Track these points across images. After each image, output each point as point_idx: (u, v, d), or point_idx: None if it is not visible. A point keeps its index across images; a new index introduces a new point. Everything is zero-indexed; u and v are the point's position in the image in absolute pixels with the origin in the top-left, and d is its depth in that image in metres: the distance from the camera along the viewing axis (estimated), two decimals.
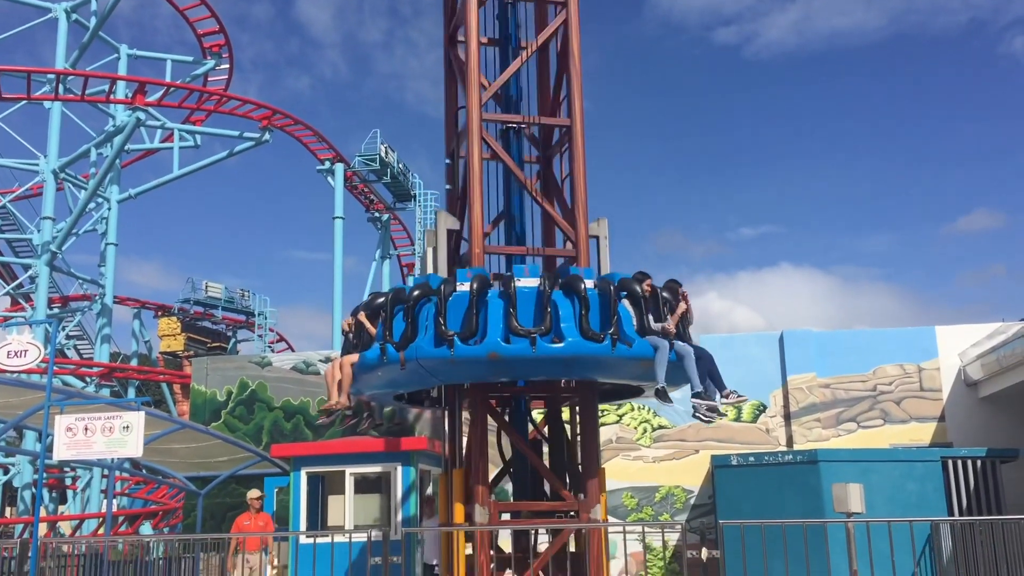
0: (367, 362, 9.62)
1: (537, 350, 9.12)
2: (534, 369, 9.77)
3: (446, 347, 9.12)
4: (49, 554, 9.51)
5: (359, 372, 9.73)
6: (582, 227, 11.56)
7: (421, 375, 9.50)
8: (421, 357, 9.24)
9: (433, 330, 9.30)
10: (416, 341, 9.32)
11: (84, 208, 26.65)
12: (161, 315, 40.05)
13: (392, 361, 9.36)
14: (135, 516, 26.21)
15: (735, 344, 17.93)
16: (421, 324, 9.46)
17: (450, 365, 9.28)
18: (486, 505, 9.76)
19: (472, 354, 9.17)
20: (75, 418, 8.26)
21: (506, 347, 9.11)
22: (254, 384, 18.91)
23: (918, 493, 13.03)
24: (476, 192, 10.76)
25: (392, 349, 9.34)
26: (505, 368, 9.60)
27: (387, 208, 38.35)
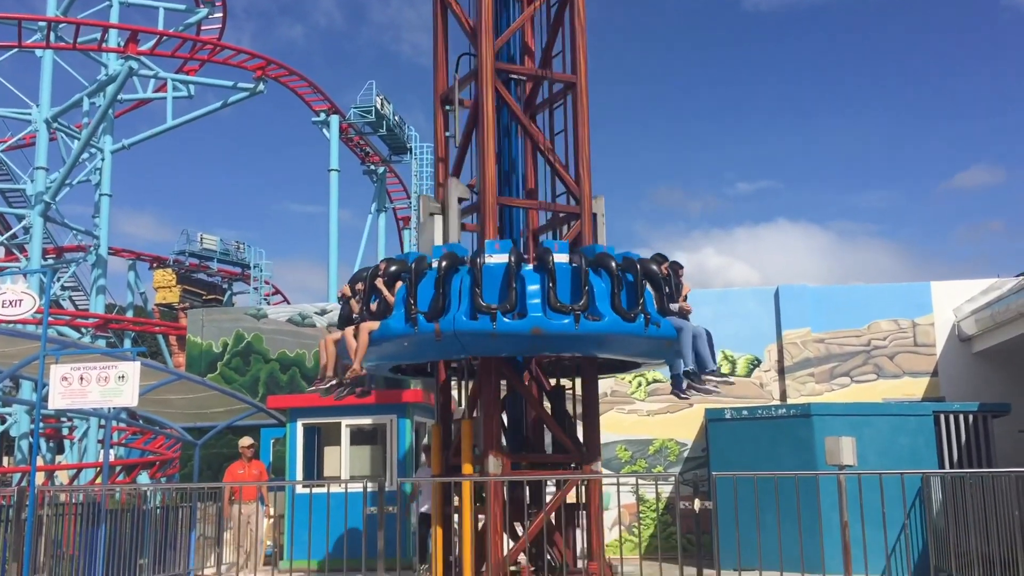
0: (392, 332, 9.43)
1: (580, 327, 9.19)
2: (571, 345, 9.83)
3: (488, 320, 9.07)
4: (47, 502, 9.57)
5: (378, 341, 9.54)
6: (586, 184, 11.56)
7: (454, 347, 9.40)
8: (459, 329, 9.15)
9: (469, 302, 9.22)
10: (451, 313, 9.21)
11: (77, 158, 26.46)
12: (156, 267, 39.99)
13: (425, 332, 9.20)
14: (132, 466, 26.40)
15: (730, 299, 17.96)
16: (454, 295, 9.33)
17: (490, 339, 9.24)
18: (499, 457, 9.94)
19: (514, 329, 9.17)
20: (70, 367, 8.26)
21: (549, 323, 9.15)
22: (250, 336, 18.93)
23: (910, 447, 13.14)
24: (490, 145, 10.72)
25: (424, 320, 9.18)
26: (545, 343, 9.64)
27: (383, 161, 38.14)
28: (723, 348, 17.50)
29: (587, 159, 11.67)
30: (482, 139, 10.72)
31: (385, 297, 9.71)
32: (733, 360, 17.50)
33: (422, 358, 10.43)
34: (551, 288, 9.18)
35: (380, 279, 9.82)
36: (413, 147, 38.37)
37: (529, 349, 10.00)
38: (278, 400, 16.20)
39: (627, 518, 16.60)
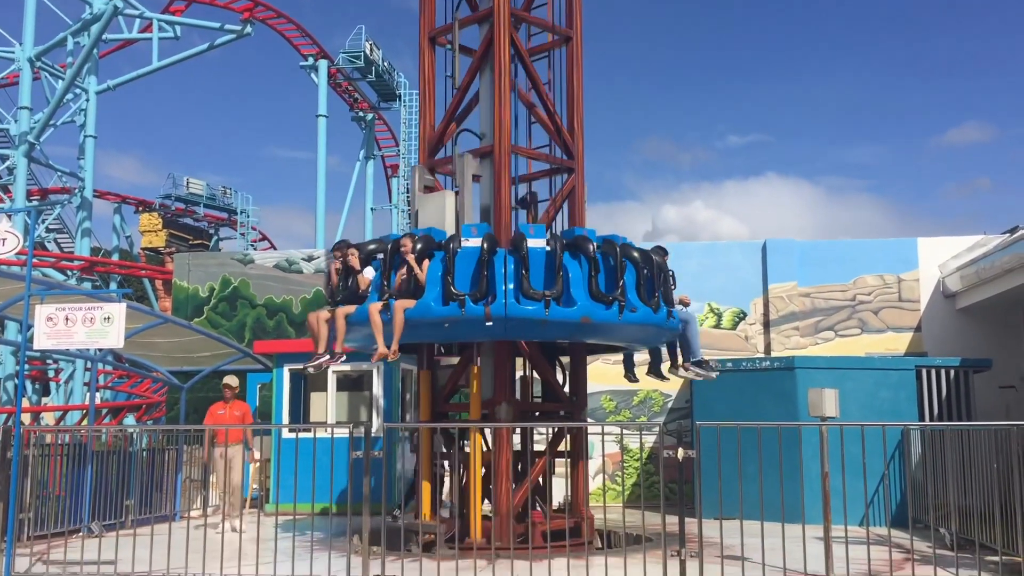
0: (433, 313, 9.31)
1: (622, 317, 9.47)
2: (611, 333, 10.03)
3: (541, 307, 9.14)
4: (32, 443, 9.58)
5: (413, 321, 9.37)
6: (579, 139, 11.55)
7: (498, 331, 9.39)
8: (511, 315, 9.17)
9: (516, 287, 9.28)
10: (500, 297, 9.21)
11: (61, 98, 26.09)
12: (142, 210, 39.69)
13: (473, 315, 9.13)
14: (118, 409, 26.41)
15: (717, 252, 17.99)
16: (498, 278, 9.33)
17: (539, 325, 9.31)
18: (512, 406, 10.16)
19: (565, 316, 9.29)
20: (55, 308, 8.22)
21: (598, 312, 9.37)
22: (236, 281, 18.88)
23: (891, 400, 13.28)
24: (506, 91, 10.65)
25: (472, 303, 9.14)
26: (590, 331, 9.79)
27: (371, 107, 37.78)
28: (709, 301, 17.57)
29: (581, 114, 11.67)
30: (498, 86, 10.64)
31: (417, 275, 9.53)
32: (719, 313, 17.58)
33: (457, 338, 10.24)
34: (593, 277, 9.43)
35: (412, 256, 9.60)
36: (402, 94, 37.97)
37: (572, 335, 10.17)
38: (265, 345, 16.20)
39: (610, 467, 16.78)
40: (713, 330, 17.50)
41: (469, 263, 9.46)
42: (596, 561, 8.17)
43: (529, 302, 9.18)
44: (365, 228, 39.03)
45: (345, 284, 10.14)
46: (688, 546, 7.41)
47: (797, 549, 7.66)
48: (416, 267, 9.54)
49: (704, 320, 17.53)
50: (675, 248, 18.65)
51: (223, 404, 12.92)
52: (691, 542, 7.70)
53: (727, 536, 7.93)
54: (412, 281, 9.57)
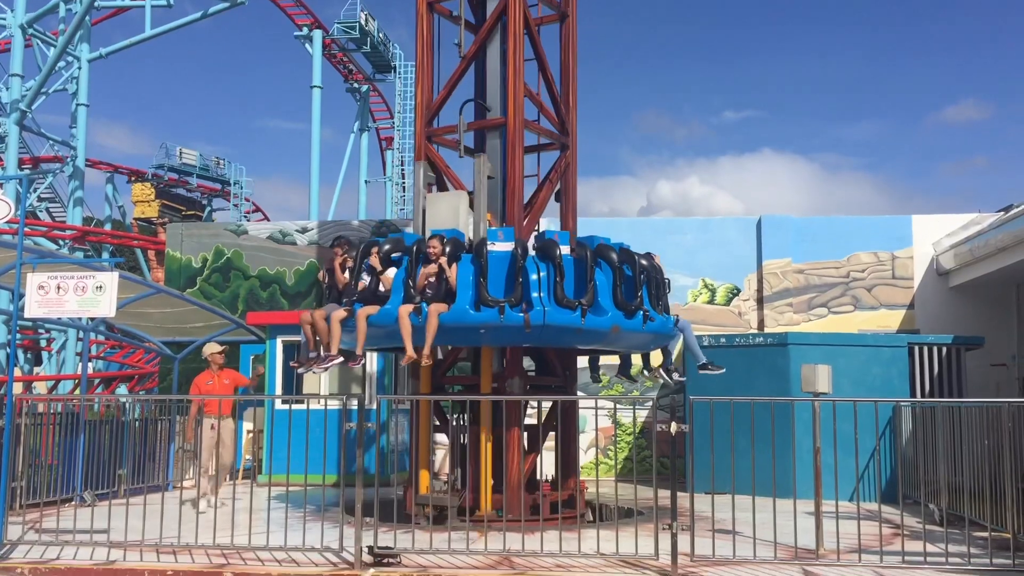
0: (470, 319, 9.24)
1: (646, 327, 9.74)
2: (630, 341, 10.17)
3: (577, 316, 9.21)
4: (25, 411, 9.57)
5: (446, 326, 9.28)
6: (573, 116, 11.54)
7: (534, 338, 9.38)
8: (549, 323, 9.18)
9: (552, 295, 9.31)
10: (538, 305, 9.21)
11: (53, 66, 25.83)
12: (134, 180, 39.44)
13: (512, 323, 9.09)
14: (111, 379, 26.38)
15: (712, 227, 17.98)
16: (532, 285, 9.30)
17: (574, 333, 9.37)
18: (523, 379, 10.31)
19: (598, 325, 9.41)
20: (47, 276, 8.17)
21: (626, 322, 9.53)
22: (230, 252, 18.81)
23: (883, 377, 13.32)
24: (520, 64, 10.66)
25: (512, 310, 9.10)
26: (616, 340, 9.85)
27: (366, 79, 37.54)
28: (703, 276, 17.58)
29: (575, 90, 11.65)
30: (512, 58, 10.59)
31: (448, 279, 9.43)
32: (713, 289, 17.59)
33: (486, 343, 10.07)
34: (618, 286, 9.56)
35: (444, 258, 9.48)
36: (397, 66, 37.70)
37: (600, 343, 10.22)
38: (258, 316, 16.18)
39: (603, 441, 16.83)
40: (707, 306, 17.52)
41: (499, 267, 9.45)
42: (588, 534, 8.21)
43: (564, 310, 9.24)
44: (359, 201, 38.91)
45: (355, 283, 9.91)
46: (679, 520, 7.45)
47: (788, 524, 7.70)
48: (448, 270, 9.42)
49: (698, 296, 17.55)
50: (670, 224, 18.70)
51: (210, 374, 11.96)
52: (682, 516, 7.74)
53: (718, 511, 7.97)
54: (444, 285, 9.45)
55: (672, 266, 17.57)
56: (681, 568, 7.28)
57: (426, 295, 9.52)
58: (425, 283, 9.53)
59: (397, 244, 10.06)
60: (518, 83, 10.63)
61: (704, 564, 7.56)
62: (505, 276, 9.39)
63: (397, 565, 7.54)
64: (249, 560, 7.79)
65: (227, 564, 7.64)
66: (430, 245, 9.61)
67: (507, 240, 9.59)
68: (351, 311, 9.73)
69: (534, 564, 7.58)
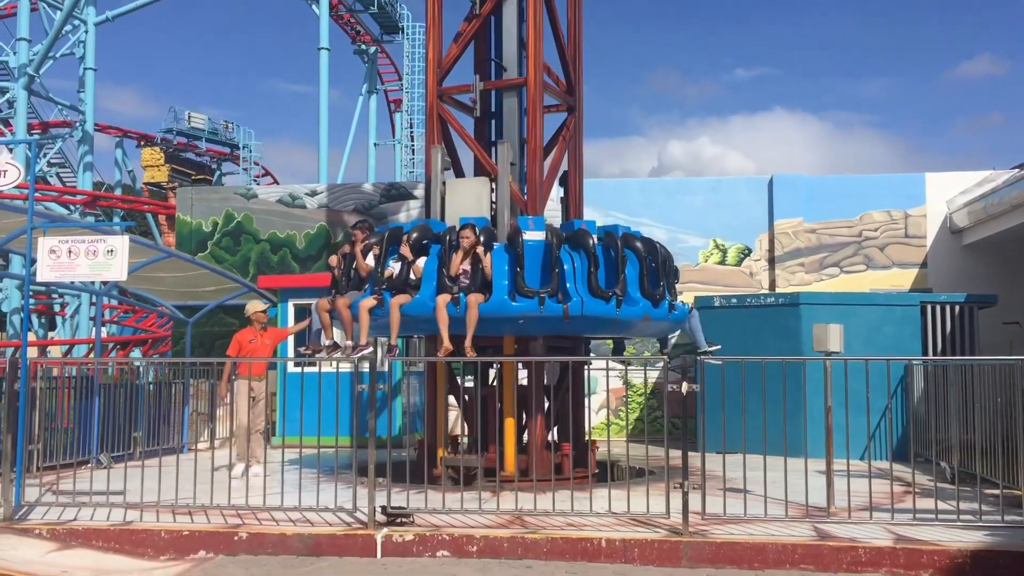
0: (511, 310, 9.24)
1: (671, 316, 10.01)
2: (656, 329, 10.51)
3: (612, 306, 9.33)
4: (40, 375, 9.64)
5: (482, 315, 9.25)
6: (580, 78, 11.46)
7: (571, 328, 9.47)
8: (588, 314, 9.29)
9: (587, 286, 9.41)
10: (575, 296, 9.29)
11: (60, 29, 25.73)
12: (144, 145, 39.42)
13: (552, 313, 9.14)
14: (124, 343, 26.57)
15: (723, 188, 17.87)
16: (568, 276, 9.36)
17: (609, 323, 9.50)
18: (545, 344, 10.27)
19: (631, 315, 9.54)
20: (58, 240, 8.18)
21: (655, 311, 9.74)
22: (240, 216, 18.81)
23: (895, 336, 13.28)
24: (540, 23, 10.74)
25: (552, 302, 9.16)
26: (644, 328, 10.09)
27: (374, 40, 37.26)
28: (714, 237, 17.51)
29: (581, 54, 11.57)
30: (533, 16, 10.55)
31: (484, 269, 9.38)
32: (724, 249, 17.52)
33: (520, 333, 10.02)
34: (645, 276, 9.69)
35: (480, 248, 9.42)
36: (405, 27, 37.37)
37: (630, 332, 10.45)
38: (269, 280, 16.21)
39: (613, 402, 16.88)
40: (718, 266, 17.47)
41: (533, 257, 9.50)
42: (600, 493, 8.25)
43: (599, 301, 9.31)
44: (369, 164, 38.79)
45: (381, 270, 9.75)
46: (690, 479, 7.47)
47: (799, 482, 7.72)
48: (485, 260, 9.37)
49: (709, 256, 17.50)
50: (680, 184, 18.59)
51: (253, 331, 11.27)
52: (694, 475, 7.77)
53: (729, 470, 7.98)
54: (480, 275, 9.39)
55: (683, 227, 17.54)
56: (692, 526, 7.32)
57: (460, 284, 9.47)
58: (460, 272, 9.49)
59: (425, 231, 9.96)
60: (539, 42, 10.53)
61: (715, 522, 7.60)
62: (540, 266, 9.48)
63: (410, 525, 7.60)
64: (264, 520, 7.88)
65: (242, 524, 7.72)
66: (463, 236, 9.54)
67: (537, 229, 9.65)
68: (381, 300, 9.57)
69: (546, 523, 7.63)
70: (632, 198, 17.74)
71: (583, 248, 9.59)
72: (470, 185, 10.73)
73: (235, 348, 11.23)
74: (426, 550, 7.30)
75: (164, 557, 7.37)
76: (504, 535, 7.28)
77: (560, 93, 11.31)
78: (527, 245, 9.45)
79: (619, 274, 9.53)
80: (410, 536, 7.34)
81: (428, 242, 9.93)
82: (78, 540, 7.52)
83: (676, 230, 17.55)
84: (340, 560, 7.23)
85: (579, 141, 11.54)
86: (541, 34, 10.60)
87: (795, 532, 7.37)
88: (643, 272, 9.76)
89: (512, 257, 9.45)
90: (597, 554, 7.12)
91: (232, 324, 18.27)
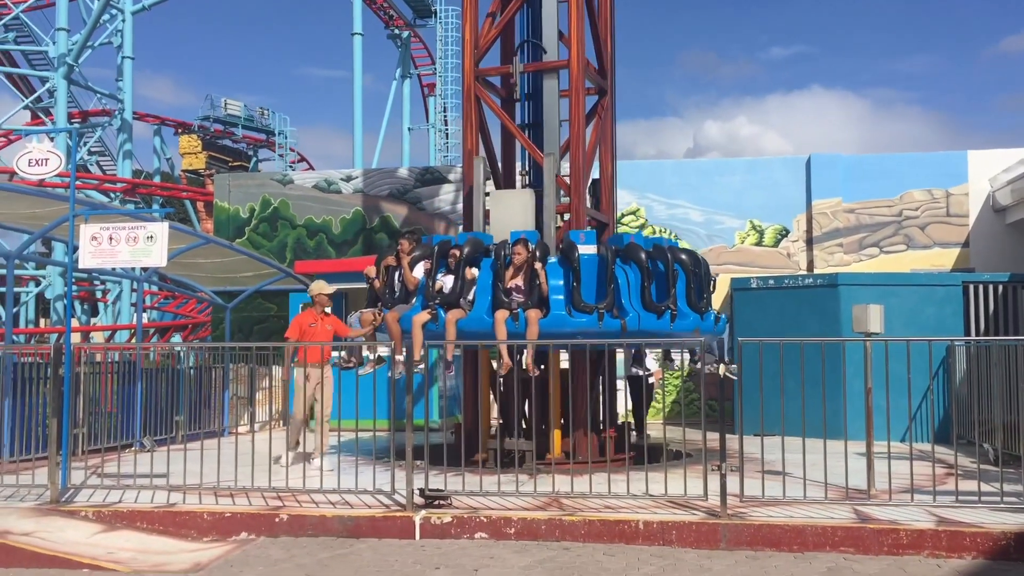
0: (570, 325, 9.24)
1: (716, 328, 10.09)
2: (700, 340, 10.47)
3: (666, 321, 9.44)
4: (84, 361, 9.80)
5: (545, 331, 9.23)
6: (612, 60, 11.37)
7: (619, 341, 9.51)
8: (644, 328, 9.38)
9: (640, 300, 9.51)
10: (631, 311, 9.38)
11: (98, 19, 26.03)
12: (181, 132, 39.81)
13: (611, 328, 9.18)
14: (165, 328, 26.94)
15: (759, 168, 17.69)
16: (623, 291, 9.43)
17: (664, 337, 9.60)
18: None
19: (684, 328, 9.66)
20: (100, 227, 8.29)
21: (703, 324, 9.84)
22: (276, 202, 18.95)
23: (936, 317, 13.10)
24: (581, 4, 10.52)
25: (611, 317, 9.24)
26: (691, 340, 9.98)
27: (407, 25, 37.29)
28: (751, 218, 17.36)
29: (613, 35, 11.50)
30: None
31: (542, 285, 9.34)
32: (761, 230, 17.36)
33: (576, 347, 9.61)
34: (691, 289, 9.81)
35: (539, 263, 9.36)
36: (438, 10, 37.36)
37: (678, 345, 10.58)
38: (306, 265, 16.33)
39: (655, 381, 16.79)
40: (754, 248, 17.32)
41: (587, 271, 9.52)
42: (637, 475, 8.24)
43: (652, 315, 9.36)
44: (403, 148, 38.88)
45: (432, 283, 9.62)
46: (728, 461, 7.44)
47: (838, 465, 7.66)
48: (542, 275, 9.31)
49: (745, 238, 17.35)
50: (716, 165, 18.44)
51: (314, 315, 10.62)
52: (731, 457, 7.73)
53: (768, 452, 7.93)
54: (538, 290, 9.32)
55: (719, 208, 17.40)
56: (730, 508, 7.29)
57: (514, 300, 9.43)
58: (513, 287, 9.47)
59: (476, 246, 9.86)
60: (580, 24, 10.47)
61: (753, 504, 7.57)
62: (595, 280, 9.49)
63: (448, 507, 7.65)
64: (304, 503, 7.96)
65: (283, 506, 7.81)
66: (516, 252, 9.46)
67: (589, 243, 9.68)
68: (435, 314, 9.46)
69: (583, 506, 7.65)
70: (668, 180, 17.63)
71: (635, 262, 9.64)
72: (516, 197, 10.62)
73: (296, 331, 10.57)
74: (464, 532, 7.34)
75: (207, 539, 7.48)
76: (542, 517, 7.30)
77: (592, 75, 11.23)
78: (582, 259, 9.45)
79: (670, 288, 9.55)
80: (448, 518, 7.39)
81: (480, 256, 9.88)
82: (123, 522, 7.66)
83: (712, 211, 17.42)
84: (379, 542, 7.29)
85: (611, 124, 11.47)
86: (582, 15, 10.54)
87: (835, 515, 7.32)
88: (690, 285, 9.85)
89: (568, 272, 9.45)
90: (635, 536, 7.12)
91: (270, 309, 18.47)
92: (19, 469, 8.86)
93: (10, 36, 30.60)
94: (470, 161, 10.85)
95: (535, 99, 11.22)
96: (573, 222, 10.60)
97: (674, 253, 9.89)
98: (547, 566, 6.51)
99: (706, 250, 17.27)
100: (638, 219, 17.55)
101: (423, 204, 18.38)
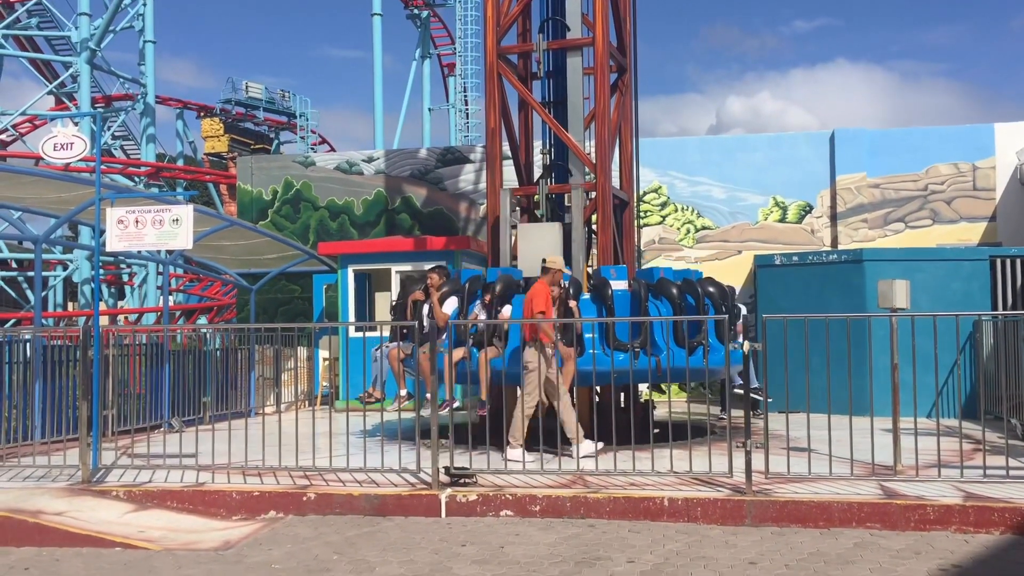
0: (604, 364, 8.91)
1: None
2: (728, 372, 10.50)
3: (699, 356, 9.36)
4: (112, 343, 9.91)
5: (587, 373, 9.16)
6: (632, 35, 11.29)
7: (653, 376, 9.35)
8: (712, 367, 9.48)
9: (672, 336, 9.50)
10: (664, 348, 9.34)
11: (120, 3, 26.13)
12: (203, 116, 39.96)
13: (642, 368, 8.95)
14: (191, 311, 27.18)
15: (783, 144, 17.55)
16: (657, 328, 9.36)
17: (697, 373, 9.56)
18: None
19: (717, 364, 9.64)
20: (126, 211, 8.36)
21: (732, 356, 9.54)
22: (299, 184, 19.02)
23: (963, 291, 12.99)
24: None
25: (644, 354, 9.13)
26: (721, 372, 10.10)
27: (426, 4, 37.17)
28: (774, 194, 17.24)
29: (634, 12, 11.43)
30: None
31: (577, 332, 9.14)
32: (784, 206, 17.24)
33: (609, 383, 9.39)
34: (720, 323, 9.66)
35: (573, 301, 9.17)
36: None
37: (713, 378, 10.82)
38: (329, 247, 16.40)
39: None
40: (778, 224, 17.21)
41: (619, 307, 9.47)
42: (662, 453, 8.25)
43: (683, 351, 9.24)
44: (423, 128, 38.86)
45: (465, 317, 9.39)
46: (753, 438, 7.43)
47: (864, 441, 7.63)
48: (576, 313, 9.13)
49: (769, 214, 17.25)
50: (739, 141, 18.30)
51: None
52: (756, 435, 7.72)
53: (793, 429, 7.92)
54: (572, 328, 9.09)
55: (742, 184, 17.29)
56: (756, 485, 7.29)
57: None
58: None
59: (509, 283, 9.71)
60: (604, 4, 10.41)
61: (779, 481, 7.56)
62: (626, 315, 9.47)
63: (473, 485, 7.69)
64: (331, 481, 8.04)
65: (310, 485, 7.89)
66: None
67: (620, 278, 9.64)
68: (468, 353, 9.31)
69: (608, 483, 7.67)
70: (690, 157, 17.53)
71: (666, 297, 9.58)
72: (543, 230, 10.42)
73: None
74: (489, 510, 7.39)
75: (236, 517, 7.57)
76: (567, 495, 7.34)
77: (613, 52, 11.18)
78: (615, 296, 9.40)
79: (701, 324, 9.42)
80: (473, 496, 7.44)
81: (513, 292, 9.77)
82: (153, 501, 7.76)
83: (735, 188, 17.31)
84: (405, 520, 7.35)
85: (631, 101, 11.42)
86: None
87: (861, 490, 7.30)
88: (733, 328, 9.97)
89: (602, 309, 9.40)
90: (660, 513, 7.14)
91: (295, 291, 18.58)
92: (51, 450, 9.00)
93: (33, 22, 30.78)
94: (492, 139, 10.84)
95: (556, 77, 11.19)
96: (599, 200, 10.56)
97: (703, 286, 9.86)
98: (573, 543, 6.55)
99: (728, 227, 17.18)
100: (660, 197, 17.48)
101: (444, 184, 18.39)
